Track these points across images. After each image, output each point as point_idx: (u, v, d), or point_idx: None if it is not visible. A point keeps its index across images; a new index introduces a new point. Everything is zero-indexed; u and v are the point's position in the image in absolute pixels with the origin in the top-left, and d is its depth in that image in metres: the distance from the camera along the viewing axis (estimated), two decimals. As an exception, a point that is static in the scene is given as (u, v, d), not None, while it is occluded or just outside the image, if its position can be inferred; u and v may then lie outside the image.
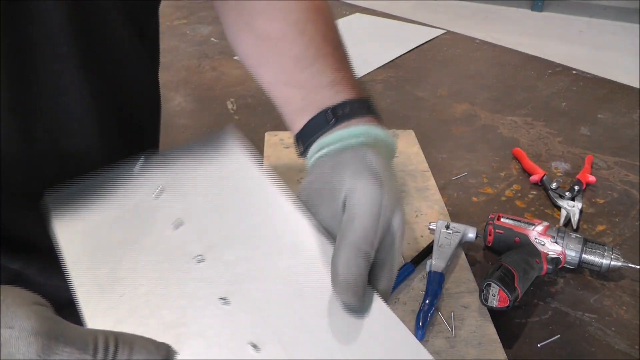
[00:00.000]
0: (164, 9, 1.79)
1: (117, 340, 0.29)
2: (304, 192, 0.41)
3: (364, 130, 0.42)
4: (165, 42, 1.53)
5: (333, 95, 0.45)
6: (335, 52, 0.48)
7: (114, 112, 0.50)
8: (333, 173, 0.39)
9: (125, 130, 0.53)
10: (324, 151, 0.42)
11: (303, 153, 0.46)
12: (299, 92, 0.47)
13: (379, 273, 0.37)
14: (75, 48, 0.43)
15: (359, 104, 0.44)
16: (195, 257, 0.37)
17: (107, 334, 0.29)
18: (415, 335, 0.62)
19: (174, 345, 0.32)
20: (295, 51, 0.48)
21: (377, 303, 0.35)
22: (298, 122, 0.46)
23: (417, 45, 1.48)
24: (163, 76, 1.45)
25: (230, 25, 0.55)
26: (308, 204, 0.41)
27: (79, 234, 0.40)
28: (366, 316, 0.34)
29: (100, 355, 0.28)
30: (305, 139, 0.46)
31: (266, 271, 0.36)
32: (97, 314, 0.33)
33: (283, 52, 0.48)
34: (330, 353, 0.32)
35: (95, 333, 0.29)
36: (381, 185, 0.36)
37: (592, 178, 0.89)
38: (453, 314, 0.65)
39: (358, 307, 0.34)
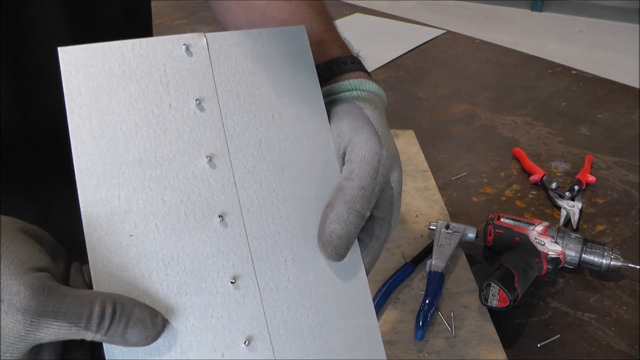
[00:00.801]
0: (164, 9, 1.79)
1: (115, 310, 0.29)
2: None
3: (355, 84, 0.42)
4: (165, 42, 1.53)
5: (321, 54, 0.45)
6: (320, 16, 0.50)
7: None
8: (332, 125, 0.39)
9: None
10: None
11: None
12: None
13: (375, 230, 0.37)
14: (69, 26, 0.44)
15: (348, 59, 0.45)
16: (219, 216, 0.34)
17: (105, 302, 0.28)
18: (415, 335, 0.62)
19: (171, 314, 0.31)
20: (282, 17, 0.50)
21: (359, 277, 0.36)
22: None
23: (417, 45, 1.48)
24: (163, 76, 1.44)
25: (218, 1, 0.57)
26: None
27: (95, 128, 0.33)
28: (342, 285, 0.35)
29: (93, 327, 0.28)
30: None
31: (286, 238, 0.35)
32: (102, 255, 0.31)
33: (271, 18, 0.51)
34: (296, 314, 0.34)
35: (94, 300, 0.28)
36: (380, 141, 0.36)
37: (592, 178, 0.89)
38: (453, 314, 0.65)
39: (335, 261, 0.35)
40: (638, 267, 0.70)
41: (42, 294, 0.27)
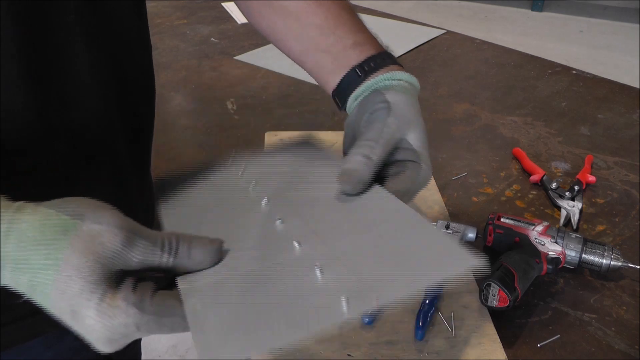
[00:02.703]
0: (164, 9, 1.79)
1: (178, 238, 0.36)
2: (346, 129, 0.52)
3: (388, 76, 0.51)
4: (165, 42, 1.53)
5: (358, 55, 0.52)
6: (351, 17, 0.55)
7: (113, 85, 0.52)
8: (357, 113, 0.50)
9: (124, 106, 0.55)
10: (359, 99, 0.51)
11: (342, 107, 0.54)
12: (328, 56, 0.54)
13: (406, 167, 0.46)
14: (79, 17, 0.45)
15: (381, 57, 0.52)
16: (278, 219, 0.43)
17: (170, 234, 0.35)
18: (415, 335, 0.62)
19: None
20: (317, 21, 0.54)
21: (381, 193, 0.43)
22: (332, 82, 0.54)
23: (417, 45, 1.48)
24: (163, 76, 1.45)
25: (250, 6, 0.60)
26: (347, 139, 0.51)
27: (181, 215, 0.46)
28: (371, 204, 0.43)
29: (166, 249, 0.35)
30: (341, 94, 0.53)
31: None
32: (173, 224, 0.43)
33: (306, 23, 0.55)
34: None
35: (162, 233, 0.35)
36: (389, 110, 0.46)
37: (592, 178, 0.89)
38: (453, 314, 0.65)
39: (350, 192, 0.43)
40: (638, 267, 0.70)
41: (129, 220, 0.34)
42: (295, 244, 0.38)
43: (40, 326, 0.55)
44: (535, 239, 0.71)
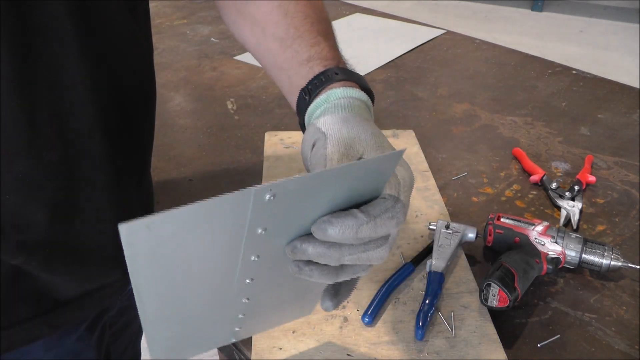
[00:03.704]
0: (163, 9, 1.79)
1: None
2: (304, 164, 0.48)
3: (323, 99, 0.46)
4: (165, 42, 1.53)
5: (307, 73, 0.47)
6: (312, 28, 0.50)
7: (110, 92, 0.51)
8: (302, 148, 0.45)
9: (122, 112, 0.54)
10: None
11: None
12: (285, 74, 0.50)
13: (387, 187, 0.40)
14: (72, 26, 0.44)
15: (326, 74, 0.47)
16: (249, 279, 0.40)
17: None
18: (415, 335, 0.62)
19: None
20: (279, 33, 0.50)
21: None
22: (293, 104, 0.50)
23: (417, 45, 1.48)
24: (163, 76, 1.44)
25: (228, 14, 0.57)
26: None
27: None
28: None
29: None
30: (300, 119, 0.49)
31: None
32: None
33: (270, 35, 0.51)
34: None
35: None
36: (325, 139, 0.41)
37: (592, 178, 0.89)
38: (453, 314, 0.65)
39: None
40: (638, 267, 0.70)
41: None
42: (244, 299, 0.42)
43: (40, 329, 0.55)
44: (535, 239, 0.70)
